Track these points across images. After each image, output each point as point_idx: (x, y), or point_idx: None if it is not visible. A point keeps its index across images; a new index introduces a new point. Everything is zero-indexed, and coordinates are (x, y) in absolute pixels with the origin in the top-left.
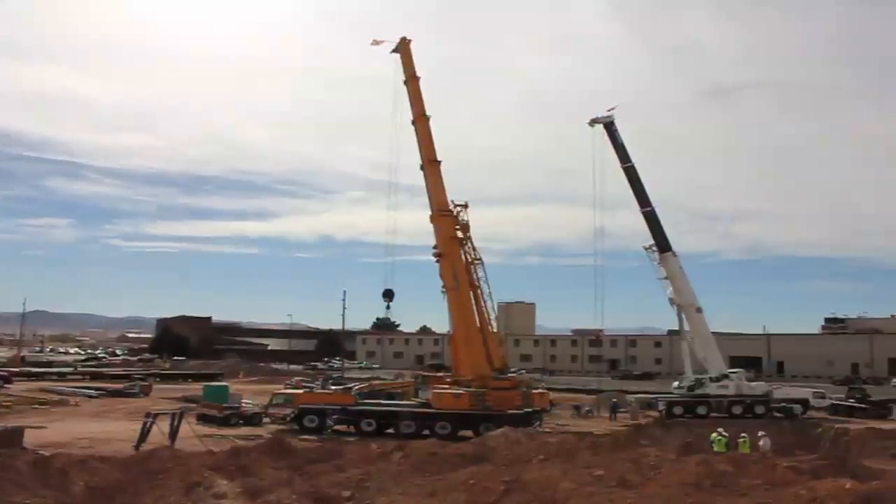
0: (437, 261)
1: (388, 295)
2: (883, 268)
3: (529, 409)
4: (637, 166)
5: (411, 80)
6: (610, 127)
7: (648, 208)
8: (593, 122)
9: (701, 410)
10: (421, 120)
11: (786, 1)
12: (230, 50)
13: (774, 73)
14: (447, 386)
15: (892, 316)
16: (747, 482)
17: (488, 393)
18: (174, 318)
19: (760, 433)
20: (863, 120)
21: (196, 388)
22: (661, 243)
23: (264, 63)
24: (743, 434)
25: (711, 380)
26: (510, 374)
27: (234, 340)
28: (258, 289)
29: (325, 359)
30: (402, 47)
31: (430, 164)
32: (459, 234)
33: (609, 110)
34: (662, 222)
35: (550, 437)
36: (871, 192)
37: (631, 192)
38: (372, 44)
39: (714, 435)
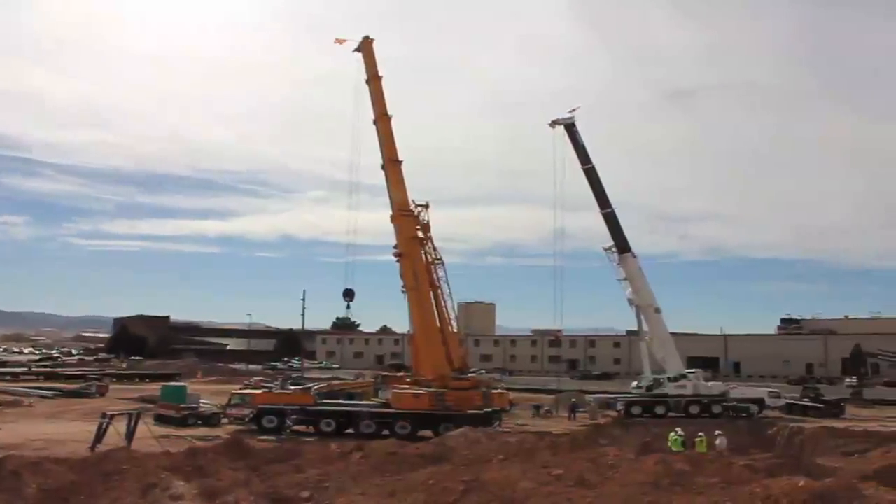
0: (398, 261)
1: (349, 294)
2: (837, 269)
3: (489, 409)
4: (598, 167)
5: (373, 80)
6: (571, 128)
7: (608, 210)
8: (554, 123)
9: (659, 410)
10: (382, 119)
11: (746, 2)
12: (190, 47)
13: (735, 75)
14: (407, 386)
15: (846, 317)
16: (704, 481)
17: (448, 393)
18: (132, 317)
19: (717, 432)
20: (821, 122)
21: (153, 389)
22: (621, 244)
23: (225, 61)
24: (700, 433)
25: (669, 380)
26: (470, 374)
27: (192, 340)
28: (218, 288)
29: (285, 359)
30: (365, 46)
31: (392, 164)
32: (420, 234)
33: (570, 111)
34: (622, 223)
35: (510, 437)
36: (826, 194)
37: (591, 193)
38: (335, 42)
39: (672, 434)
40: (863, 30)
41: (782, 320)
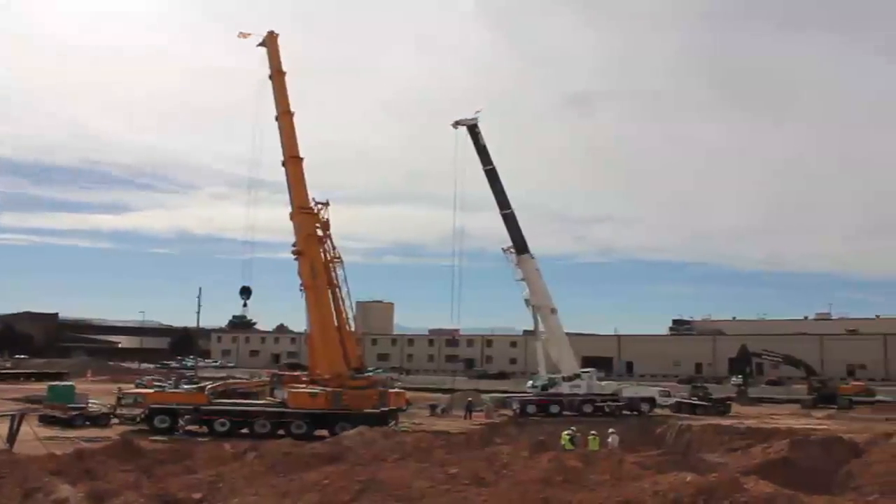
0: (296, 259)
1: (246, 292)
2: (726, 272)
3: (386, 409)
4: (499, 168)
5: (277, 75)
6: (473, 129)
7: (508, 211)
8: (457, 124)
9: (554, 409)
10: (285, 116)
11: (641, 14)
12: (87, 35)
13: (634, 81)
14: (303, 385)
15: (734, 318)
16: (596, 478)
17: (345, 392)
18: (17, 314)
19: (610, 430)
20: (715, 128)
21: (40, 388)
22: (519, 245)
23: (120, 50)
24: (593, 431)
25: (564, 379)
26: (367, 374)
27: (82, 338)
28: (111, 285)
29: (179, 357)
30: (270, 41)
31: (293, 161)
32: (320, 232)
33: (475, 112)
34: (522, 225)
35: (406, 437)
36: (717, 198)
37: (491, 194)
38: (239, 36)
39: (564, 433)
40: (758, 38)
41: (674, 321)
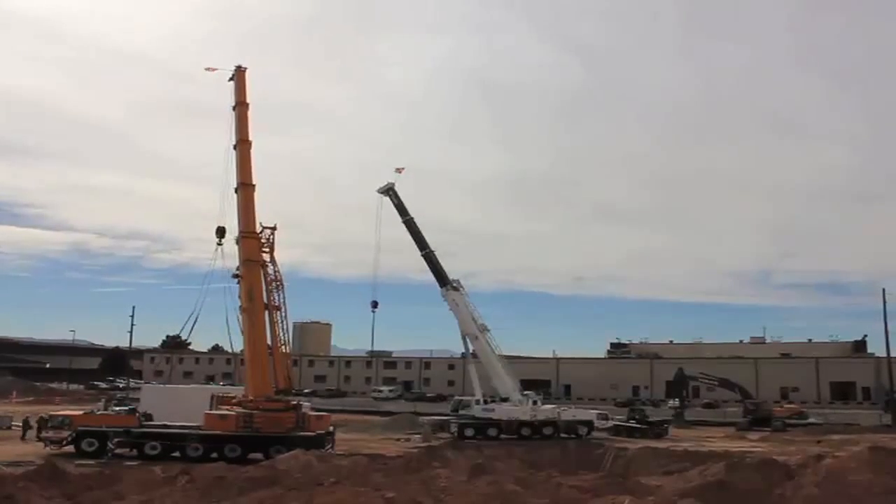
0: (238, 282)
1: (220, 232)
2: (662, 303)
3: (305, 433)
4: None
5: (240, 106)
6: (392, 191)
7: (426, 251)
8: (380, 191)
9: (492, 432)
10: (243, 144)
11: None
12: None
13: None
14: (228, 408)
15: (671, 342)
16: (535, 501)
17: (257, 415)
18: None
19: None
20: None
21: None
22: (441, 280)
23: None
24: None
25: (501, 401)
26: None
27: (7, 357)
28: (39, 303)
29: (110, 378)
30: (238, 75)
31: (244, 187)
32: (266, 255)
33: (396, 171)
34: (460, 245)
35: (342, 460)
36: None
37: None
38: (206, 70)
39: None
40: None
41: (611, 344)
